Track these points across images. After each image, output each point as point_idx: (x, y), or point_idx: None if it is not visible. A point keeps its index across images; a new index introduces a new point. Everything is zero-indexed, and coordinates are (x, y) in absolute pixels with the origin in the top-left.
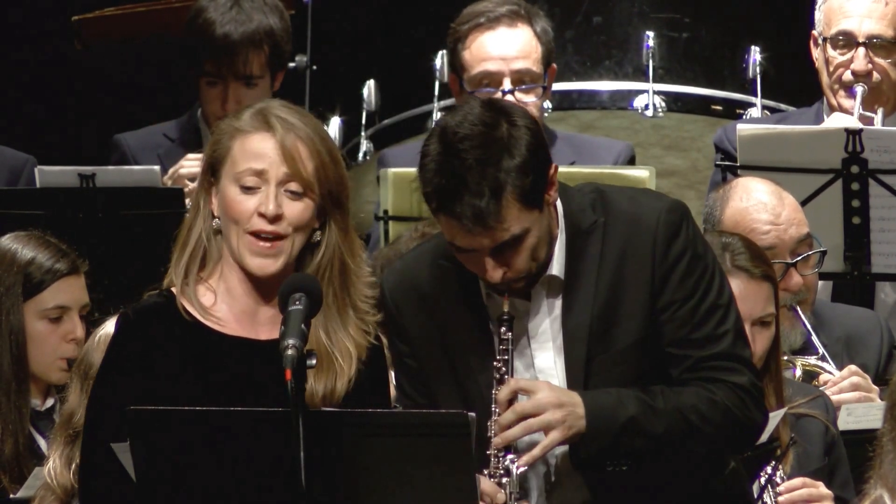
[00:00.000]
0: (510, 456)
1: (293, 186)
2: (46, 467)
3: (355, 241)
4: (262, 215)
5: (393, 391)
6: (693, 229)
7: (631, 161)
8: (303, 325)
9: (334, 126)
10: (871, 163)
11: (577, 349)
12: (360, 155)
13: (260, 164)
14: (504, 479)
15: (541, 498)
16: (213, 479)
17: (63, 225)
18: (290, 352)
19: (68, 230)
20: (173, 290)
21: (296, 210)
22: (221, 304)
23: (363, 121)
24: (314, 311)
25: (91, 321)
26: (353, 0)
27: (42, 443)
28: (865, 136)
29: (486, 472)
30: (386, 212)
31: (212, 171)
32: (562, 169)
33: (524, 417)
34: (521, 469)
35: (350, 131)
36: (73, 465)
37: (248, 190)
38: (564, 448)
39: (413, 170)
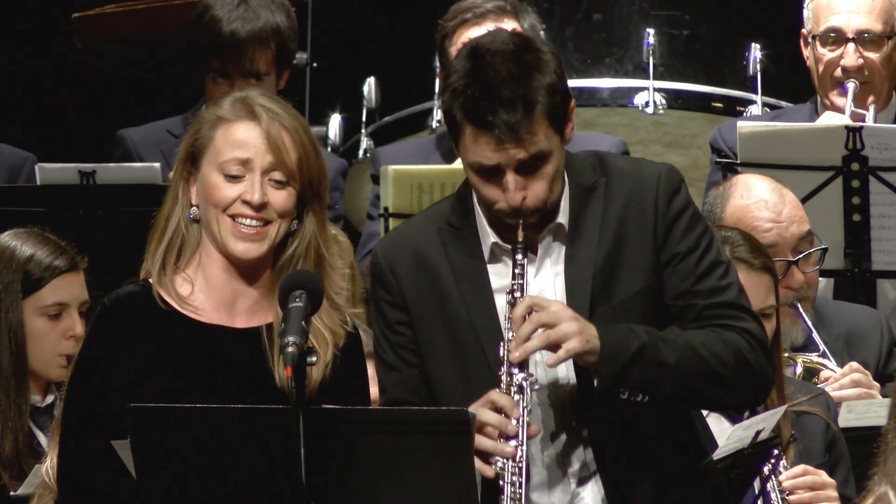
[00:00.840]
0: (521, 374)
1: (277, 175)
2: (45, 465)
3: (330, 233)
4: (246, 203)
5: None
6: (689, 194)
7: None
8: (303, 323)
9: (335, 123)
10: (872, 160)
11: (579, 300)
12: (361, 152)
13: (245, 153)
14: (517, 397)
15: (545, 446)
16: (214, 476)
17: (63, 222)
18: (290, 349)
19: (68, 227)
20: (150, 280)
21: (280, 198)
22: (199, 293)
23: (363, 118)
24: (314, 309)
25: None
26: None
27: (42, 439)
28: (866, 133)
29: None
30: (386, 209)
31: (191, 160)
32: None
33: (543, 327)
34: (536, 387)
35: (350, 129)
36: None
37: (232, 178)
38: (570, 390)
39: (414, 167)
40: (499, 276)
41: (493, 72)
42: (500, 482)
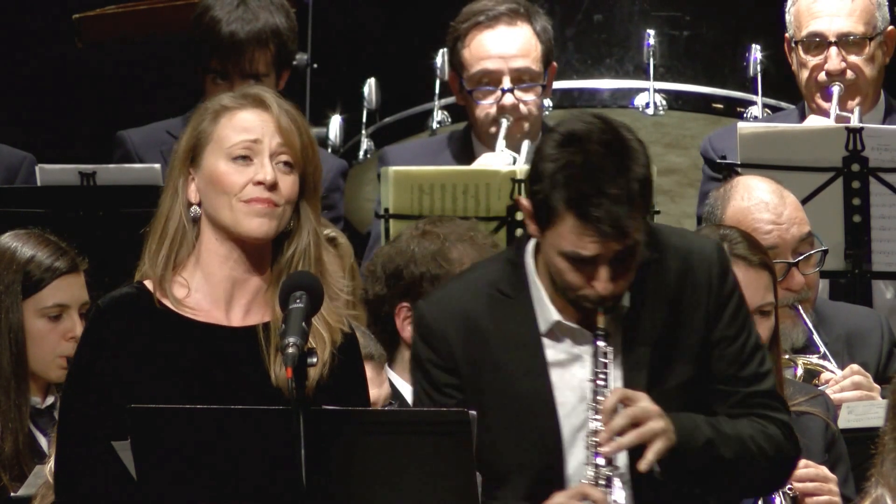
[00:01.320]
0: (609, 467)
1: (285, 158)
2: (47, 466)
3: (323, 233)
4: (259, 183)
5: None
6: (734, 277)
7: None
8: (303, 324)
9: (335, 124)
10: (872, 161)
11: (637, 379)
12: (361, 153)
13: (253, 135)
14: (605, 490)
15: None
16: (214, 477)
17: (63, 223)
18: (290, 350)
19: (69, 228)
20: (145, 282)
21: (288, 183)
22: (195, 293)
23: (364, 119)
24: (315, 310)
25: None
26: None
27: (43, 441)
28: (866, 134)
29: (583, 480)
30: (387, 210)
31: (190, 159)
32: None
33: (634, 423)
34: (621, 476)
35: (351, 130)
36: None
37: (241, 160)
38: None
39: (414, 168)
40: (554, 349)
41: (597, 164)
42: None
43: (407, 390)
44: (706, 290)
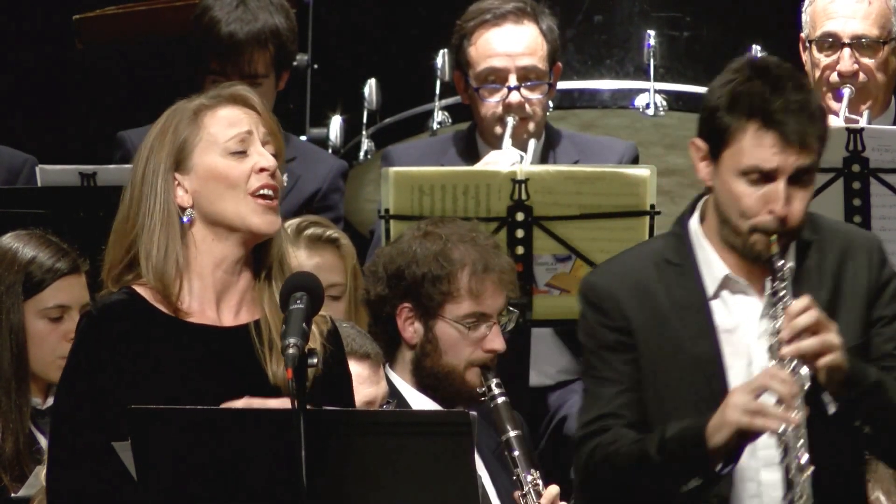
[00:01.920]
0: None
1: (270, 149)
2: (45, 468)
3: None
4: (262, 170)
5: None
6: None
7: (635, 161)
8: (304, 324)
9: (335, 125)
10: (873, 161)
11: None
12: (362, 154)
13: (244, 127)
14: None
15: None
16: (214, 478)
17: (64, 224)
18: (291, 350)
19: (69, 229)
20: (135, 287)
21: (278, 172)
22: (185, 295)
23: (364, 120)
24: (316, 310)
25: None
26: None
27: (43, 441)
28: (867, 134)
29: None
30: (387, 210)
31: (175, 166)
32: (565, 168)
33: (814, 331)
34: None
35: (351, 130)
36: None
37: (237, 155)
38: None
39: (414, 169)
40: (722, 314)
41: (777, 79)
42: (782, 445)
43: (407, 391)
44: (867, 270)
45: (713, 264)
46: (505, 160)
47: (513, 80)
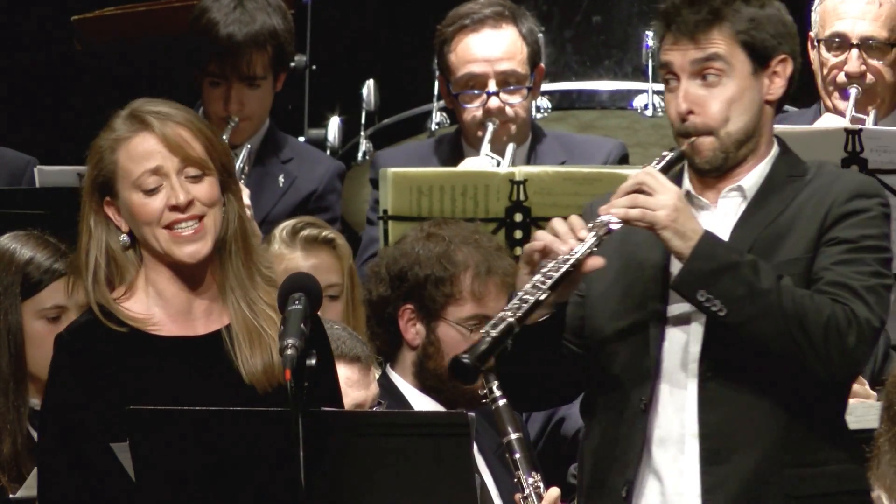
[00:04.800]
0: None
1: (191, 171)
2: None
3: (245, 210)
4: (174, 208)
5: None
6: (885, 216)
7: (623, 159)
8: (302, 325)
9: (334, 126)
10: (871, 162)
11: (740, 246)
12: (360, 155)
13: (152, 163)
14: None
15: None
16: (212, 480)
17: (62, 225)
18: (289, 352)
19: (68, 230)
20: (95, 309)
21: (203, 190)
22: (154, 308)
23: (362, 121)
24: (314, 311)
25: None
26: (353, 0)
27: None
28: (865, 135)
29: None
30: (385, 211)
31: (104, 191)
32: (553, 168)
33: (639, 206)
34: (615, 225)
35: (349, 131)
36: None
37: (151, 192)
38: (680, 364)
39: (413, 169)
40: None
41: None
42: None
43: (409, 391)
44: (832, 199)
45: (683, 183)
46: (480, 167)
47: (492, 86)
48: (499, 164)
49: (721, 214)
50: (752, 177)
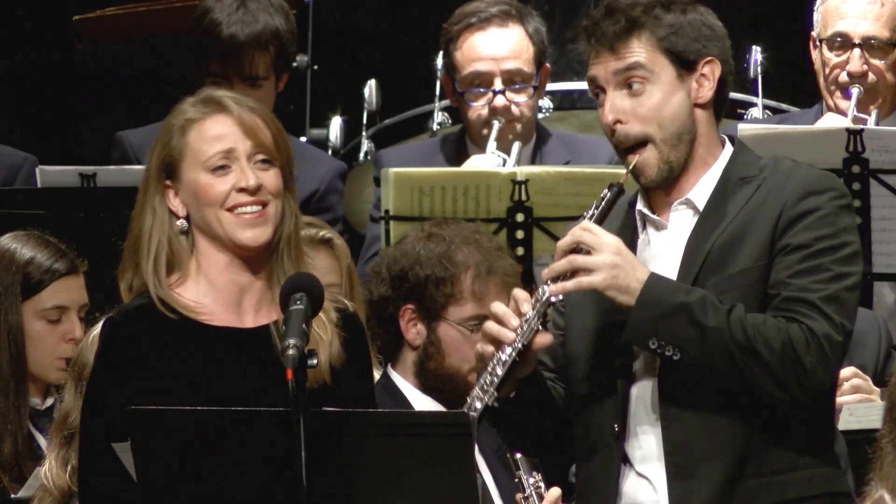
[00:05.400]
0: (548, 287)
1: (261, 156)
2: (44, 468)
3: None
4: (242, 190)
5: None
6: (840, 209)
7: None
8: (304, 325)
9: (335, 126)
10: (872, 162)
11: (690, 269)
12: (361, 155)
13: (226, 144)
14: (535, 306)
15: (627, 439)
16: (214, 480)
17: (64, 225)
18: (291, 352)
19: (69, 230)
20: (153, 293)
21: (270, 178)
22: (205, 298)
23: (364, 121)
24: (316, 311)
25: (91, 321)
26: (355, 0)
27: (42, 442)
28: (866, 135)
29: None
30: (387, 211)
31: (167, 174)
32: (555, 168)
33: (576, 268)
34: (555, 298)
35: (351, 131)
36: (69, 467)
37: (220, 171)
38: (646, 388)
39: (415, 169)
40: (642, 250)
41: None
42: (484, 367)
43: (410, 391)
44: (784, 200)
45: (637, 202)
46: (486, 165)
47: (498, 84)
48: (504, 163)
49: (674, 230)
50: (701, 187)
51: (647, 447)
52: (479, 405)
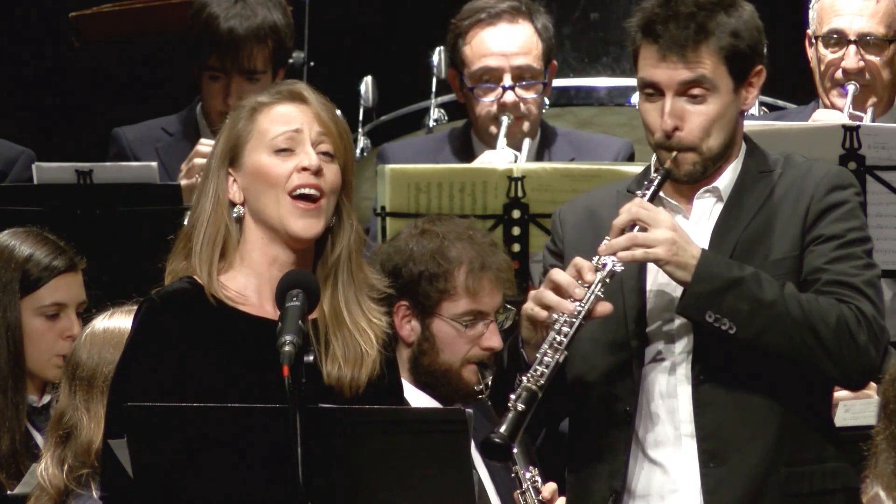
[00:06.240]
0: (612, 258)
1: (325, 147)
2: (40, 466)
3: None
4: (304, 169)
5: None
6: (860, 205)
7: (630, 159)
8: (300, 322)
9: None
10: (869, 159)
11: (721, 251)
12: (358, 151)
13: (294, 125)
14: (598, 274)
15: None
16: (211, 476)
17: (61, 221)
18: (287, 348)
19: (66, 227)
20: (196, 277)
21: (331, 171)
22: (246, 289)
23: (360, 117)
24: (312, 308)
25: (88, 319)
26: None
27: (39, 439)
28: (863, 132)
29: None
30: (383, 208)
31: (230, 160)
32: (561, 165)
33: (637, 244)
34: (620, 267)
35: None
36: (66, 466)
37: (283, 152)
38: (663, 372)
39: (411, 166)
40: None
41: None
42: (548, 330)
43: (405, 387)
44: (811, 194)
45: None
46: (499, 160)
47: (507, 80)
48: (516, 159)
49: (696, 217)
50: (726, 177)
51: (660, 432)
52: (533, 387)
